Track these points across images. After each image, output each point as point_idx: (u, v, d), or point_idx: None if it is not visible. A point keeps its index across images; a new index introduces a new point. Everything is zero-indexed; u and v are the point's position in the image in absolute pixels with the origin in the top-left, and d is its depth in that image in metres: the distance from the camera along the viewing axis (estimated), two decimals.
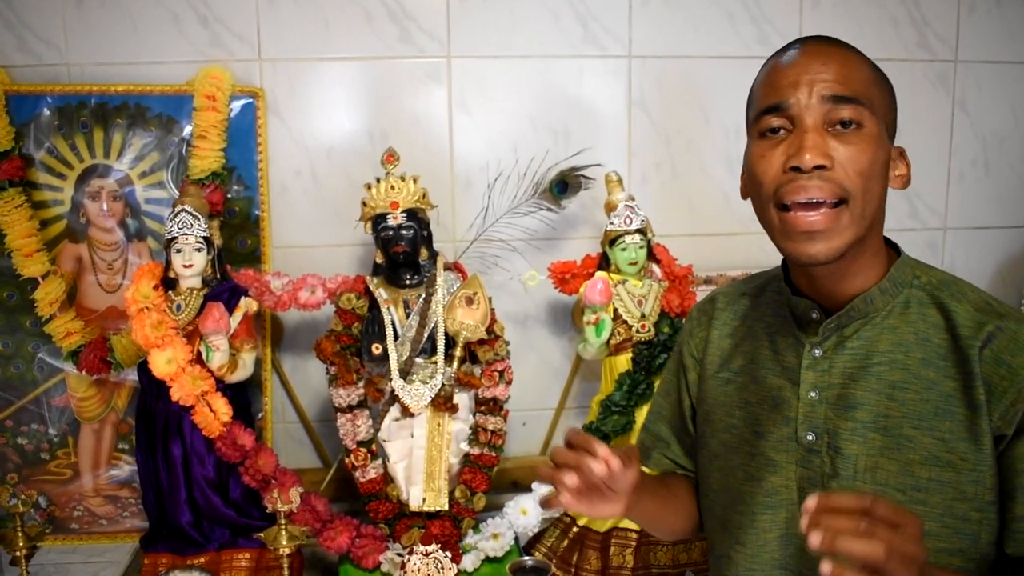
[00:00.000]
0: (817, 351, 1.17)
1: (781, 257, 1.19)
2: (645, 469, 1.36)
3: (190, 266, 1.81)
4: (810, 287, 1.18)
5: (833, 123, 1.07)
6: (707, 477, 1.31)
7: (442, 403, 1.84)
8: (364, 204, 1.85)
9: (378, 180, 1.84)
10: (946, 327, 1.11)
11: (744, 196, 1.23)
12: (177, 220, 1.80)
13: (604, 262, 1.98)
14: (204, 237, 1.82)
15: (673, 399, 1.41)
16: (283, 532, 1.66)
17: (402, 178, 1.83)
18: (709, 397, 1.31)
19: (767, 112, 1.11)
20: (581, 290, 1.93)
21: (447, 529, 1.84)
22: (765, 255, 2.33)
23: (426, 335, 1.84)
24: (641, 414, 1.91)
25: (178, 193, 1.99)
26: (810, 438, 1.15)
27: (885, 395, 1.11)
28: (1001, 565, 1.09)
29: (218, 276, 1.87)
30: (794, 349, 1.20)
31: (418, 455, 1.85)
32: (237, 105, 2.06)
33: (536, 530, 1.93)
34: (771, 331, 1.25)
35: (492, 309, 1.88)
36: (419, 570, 1.76)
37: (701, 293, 2.14)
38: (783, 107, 1.09)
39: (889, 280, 1.14)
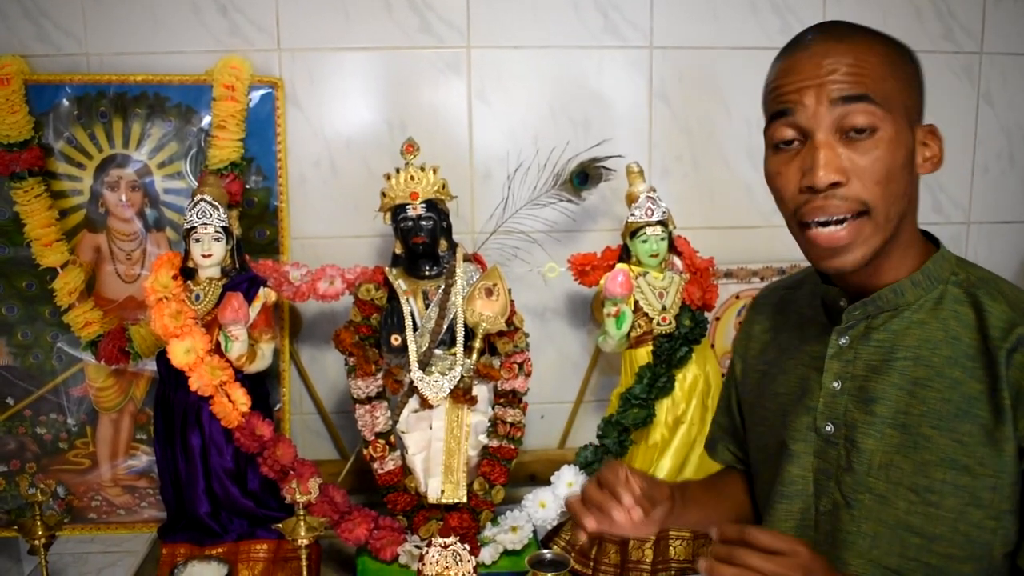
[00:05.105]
0: (843, 340, 1.15)
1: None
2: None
3: (209, 256, 1.80)
4: (842, 280, 1.16)
5: (846, 130, 1.03)
6: (757, 471, 1.31)
7: (461, 395, 1.83)
8: (383, 195, 1.84)
9: (398, 170, 1.83)
10: (977, 327, 1.07)
11: None
12: (196, 210, 1.80)
13: (625, 254, 1.96)
14: (223, 227, 1.81)
15: (728, 393, 1.44)
16: (301, 523, 1.65)
17: (422, 168, 1.82)
18: (750, 390, 1.33)
19: (775, 118, 1.09)
20: (601, 282, 1.91)
21: (465, 521, 1.83)
22: (787, 248, 2.31)
23: (445, 326, 1.83)
24: (661, 407, 1.90)
25: (197, 183, 1.99)
26: (829, 429, 1.14)
27: (907, 391, 1.08)
28: None
29: (237, 266, 1.87)
30: (821, 338, 1.18)
31: (437, 447, 1.84)
32: (256, 95, 2.05)
33: (555, 523, 1.92)
34: (803, 321, 1.25)
35: (512, 301, 1.86)
36: (437, 562, 1.74)
37: (722, 286, 2.12)
38: (790, 113, 1.06)
39: (923, 273, 1.11)
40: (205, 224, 1.80)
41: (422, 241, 1.82)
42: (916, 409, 1.07)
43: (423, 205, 1.81)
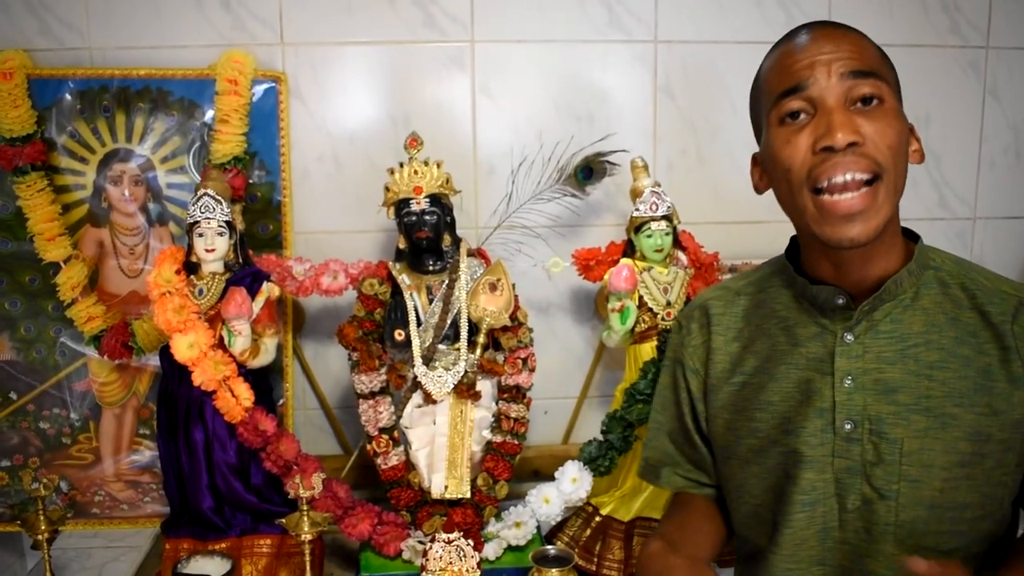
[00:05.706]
0: (849, 336, 1.15)
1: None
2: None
3: (212, 250, 1.80)
4: (836, 274, 1.16)
5: (855, 100, 1.07)
6: (743, 485, 1.25)
7: (465, 390, 1.82)
8: (387, 189, 1.84)
9: (401, 165, 1.82)
10: (971, 304, 1.14)
11: (760, 191, 1.22)
12: (199, 204, 1.79)
13: (629, 249, 1.95)
14: (226, 221, 1.81)
15: (672, 413, 1.36)
16: (305, 518, 1.65)
17: (425, 163, 1.81)
18: (726, 405, 1.27)
19: (785, 95, 1.10)
20: (606, 277, 1.91)
21: (469, 517, 1.82)
22: None
23: (449, 321, 1.83)
24: None
25: (200, 177, 1.98)
26: (848, 427, 1.14)
27: (924, 376, 1.12)
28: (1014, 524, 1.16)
29: (240, 261, 1.86)
30: (820, 338, 1.18)
31: (440, 442, 1.84)
32: (259, 89, 2.04)
33: (559, 519, 1.91)
34: (787, 324, 1.22)
35: (515, 296, 1.86)
36: (441, 558, 1.74)
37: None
38: (802, 87, 1.09)
39: (916, 262, 1.15)
40: (208, 219, 1.79)
41: (426, 236, 1.81)
42: (937, 391, 1.11)
43: (427, 200, 1.80)
